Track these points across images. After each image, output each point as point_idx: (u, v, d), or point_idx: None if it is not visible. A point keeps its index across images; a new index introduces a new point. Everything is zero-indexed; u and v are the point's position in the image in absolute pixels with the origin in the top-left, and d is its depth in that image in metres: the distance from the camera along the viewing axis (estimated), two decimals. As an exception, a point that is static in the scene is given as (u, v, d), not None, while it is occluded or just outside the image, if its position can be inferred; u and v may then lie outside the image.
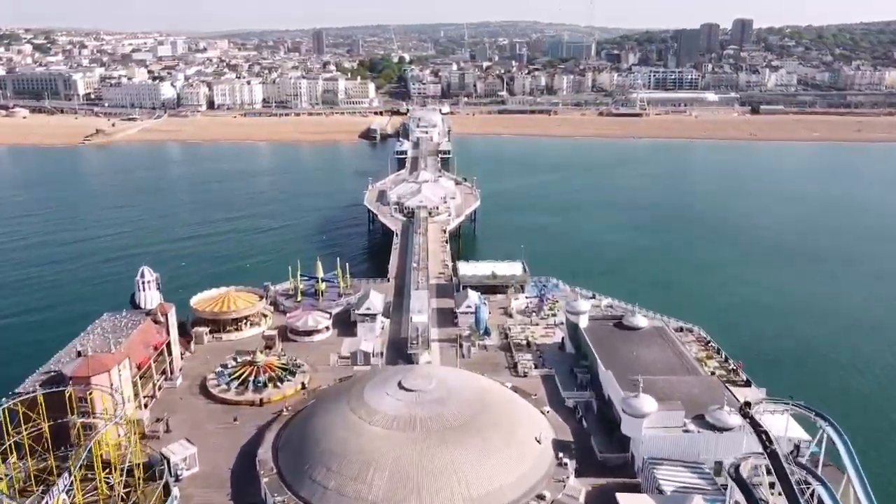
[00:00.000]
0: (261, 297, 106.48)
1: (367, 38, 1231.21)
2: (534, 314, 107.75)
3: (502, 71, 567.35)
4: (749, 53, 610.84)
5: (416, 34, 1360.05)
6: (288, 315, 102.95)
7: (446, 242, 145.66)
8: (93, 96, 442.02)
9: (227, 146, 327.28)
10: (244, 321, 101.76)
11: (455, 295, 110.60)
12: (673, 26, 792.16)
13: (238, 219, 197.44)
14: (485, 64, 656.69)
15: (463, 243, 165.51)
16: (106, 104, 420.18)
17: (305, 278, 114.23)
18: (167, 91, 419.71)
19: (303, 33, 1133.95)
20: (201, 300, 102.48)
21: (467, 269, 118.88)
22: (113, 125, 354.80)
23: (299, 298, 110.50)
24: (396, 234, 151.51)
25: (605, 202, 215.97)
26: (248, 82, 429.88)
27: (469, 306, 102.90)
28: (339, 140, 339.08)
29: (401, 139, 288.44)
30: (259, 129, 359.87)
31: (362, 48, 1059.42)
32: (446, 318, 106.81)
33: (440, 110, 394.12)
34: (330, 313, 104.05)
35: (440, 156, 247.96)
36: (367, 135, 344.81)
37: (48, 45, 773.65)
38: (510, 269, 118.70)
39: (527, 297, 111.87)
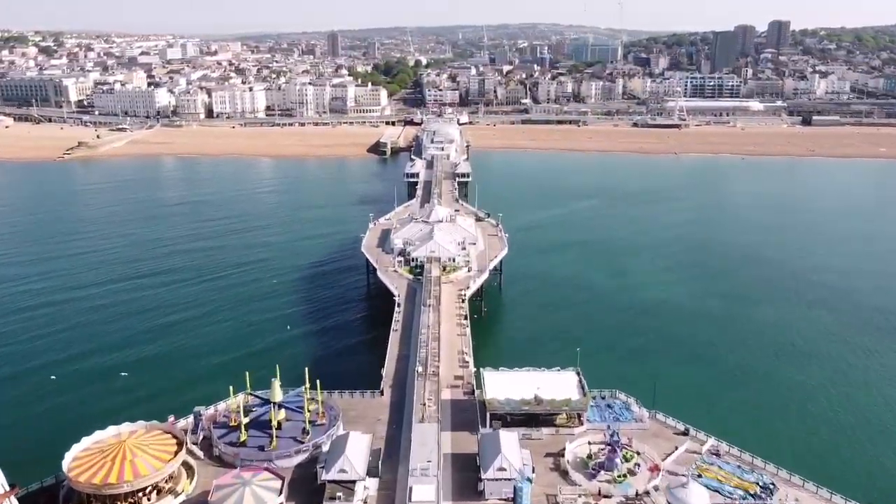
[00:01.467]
0: (179, 444, 68.29)
1: (385, 41, 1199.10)
2: (601, 471, 68.84)
3: (524, 76, 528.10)
4: (789, 57, 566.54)
5: (433, 36, 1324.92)
6: (215, 483, 64.54)
7: (465, 319, 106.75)
8: (86, 103, 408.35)
9: (218, 161, 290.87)
10: (151, 491, 63.93)
11: (479, 438, 71.73)
12: (698, 28, 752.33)
13: (185, 280, 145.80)
14: (505, 68, 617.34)
15: (487, 313, 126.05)
16: (97, 112, 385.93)
17: (257, 404, 76.18)
18: (163, 98, 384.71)
19: (320, 35, 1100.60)
20: (80, 461, 64.42)
21: (496, 384, 79.71)
22: (97, 136, 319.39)
23: (243, 437, 72.30)
24: (399, 304, 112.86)
25: (656, 244, 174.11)
26: (250, 89, 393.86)
27: (503, 470, 64.26)
28: (345, 155, 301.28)
29: (413, 157, 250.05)
30: (257, 142, 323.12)
31: (378, 51, 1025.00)
32: (464, 478, 68.21)
33: (457, 120, 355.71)
34: (283, 478, 65.72)
35: (458, 180, 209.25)
36: (377, 149, 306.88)
37: (55, 47, 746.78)
38: (560, 384, 79.49)
39: (590, 443, 72.57)
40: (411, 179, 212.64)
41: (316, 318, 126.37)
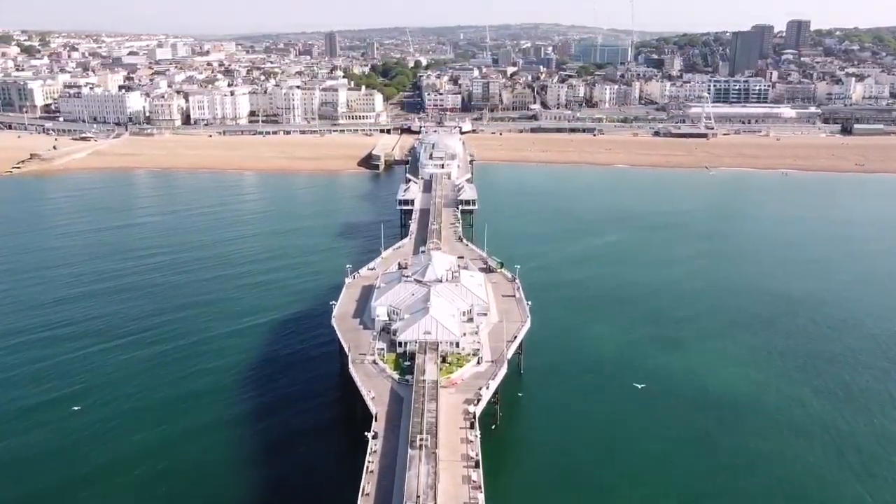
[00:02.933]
0: None
1: (385, 41, 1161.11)
2: None
3: (530, 78, 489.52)
4: (813, 59, 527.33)
5: (434, 36, 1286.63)
6: None
7: (477, 467, 68.30)
8: (53, 108, 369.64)
9: (185, 178, 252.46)
10: None
11: None
12: (707, 29, 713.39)
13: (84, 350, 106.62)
14: (509, 69, 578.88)
15: (502, 420, 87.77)
16: (62, 118, 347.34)
17: None
18: (135, 103, 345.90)
19: (319, 36, 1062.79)
20: None
21: None
22: (54, 147, 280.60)
23: None
24: (374, 436, 74.18)
25: (716, 304, 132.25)
26: (232, 93, 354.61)
27: None
28: (332, 170, 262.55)
29: (408, 175, 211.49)
30: (234, 154, 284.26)
31: (377, 51, 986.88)
32: None
33: (460, 129, 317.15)
34: None
35: (461, 207, 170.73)
36: (368, 162, 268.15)
37: (39, 47, 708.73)
38: None
39: None
40: (405, 207, 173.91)
41: (250, 447, 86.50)
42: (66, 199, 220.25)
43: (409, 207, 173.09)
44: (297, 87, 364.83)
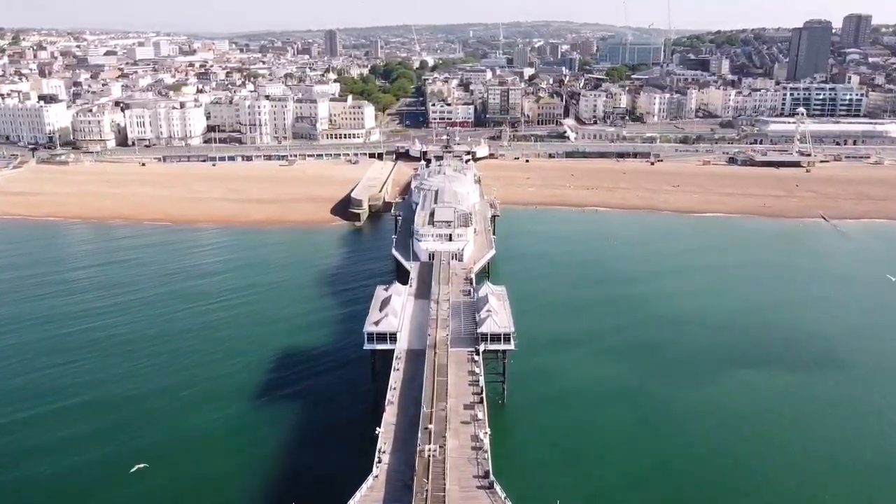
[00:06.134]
0: None
1: (391, 39, 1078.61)
2: None
3: (552, 82, 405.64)
4: (884, 59, 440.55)
5: (442, 35, 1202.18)
6: None
7: None
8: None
9: (79, 237, 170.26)
10: None
11: None
12: (740, 25, 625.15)
13: None
14: (526, 71, 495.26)
15: None
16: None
17: None
18: (58, 117, 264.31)
19: (325, 34, 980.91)
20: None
21: None
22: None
23: None
24: None
25: None
26: (181, 105, 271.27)
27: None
28: (294, 221, 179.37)
29: (395, 252, 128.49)
30: (165, 194, 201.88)
31: (382, 50, 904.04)
32: None
33: (472, 155, 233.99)
34: None
35: (487, 347, 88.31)
36: (347, 209, 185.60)
37: (6, 46, 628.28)
38: None
39: None
40: (378, 347, 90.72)
41: None
42: None
43: (388, 347, 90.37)
44: (267, 97, 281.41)
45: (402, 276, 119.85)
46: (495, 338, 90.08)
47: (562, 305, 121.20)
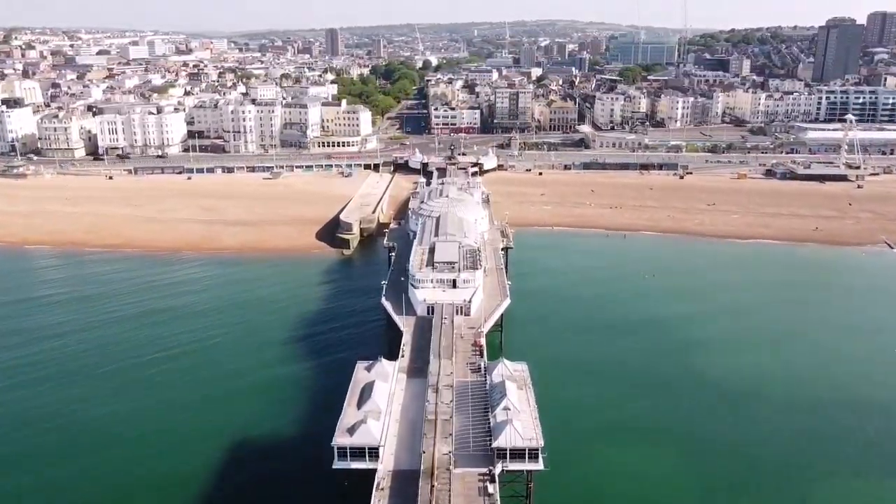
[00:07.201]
0: None
1: (394, 39, 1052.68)
2: None
3: (562, 83, 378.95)
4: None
5: (447, 34, 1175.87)
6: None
7: None
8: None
9: (8, 266, 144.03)
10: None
11: None
12: (750, 25, 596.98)
13: None
14: (534, 71, 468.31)
15: None
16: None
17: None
18: (22, 124, 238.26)
19: (326, 32, 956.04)
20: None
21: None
22: None
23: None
24: None
25: None
26: (158, 110, 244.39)
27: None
28: (271, 250, 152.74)
29: (386, 303, 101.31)
30: (130, 214, 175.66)
31: (385, 49, 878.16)
32: None
33: (480, 167, 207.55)
34: None
35: (502, 468, 61.62)
36: (334, 234, 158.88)
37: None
38: None
39: None
40: (354, 466, 63.92)
41: None
42: None
43: (365, 465, 63.73)
44: (253, 101, 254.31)
45: (394, 332, 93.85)
46: (517, 453, 63.49)
47: (604, 380, 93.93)
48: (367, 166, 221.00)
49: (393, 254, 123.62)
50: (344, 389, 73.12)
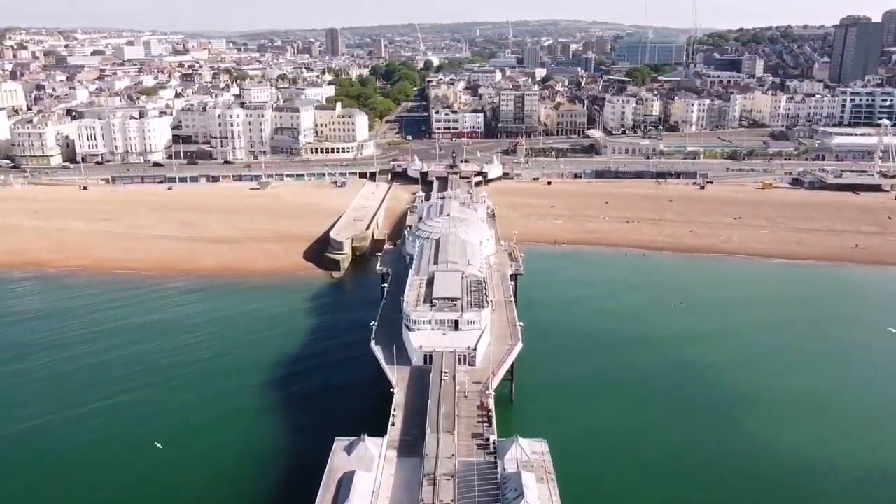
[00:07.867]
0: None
1: (396, 38, 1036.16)
2: None
3: (568, 84, 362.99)
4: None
5: (449, 34, 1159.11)
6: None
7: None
8: None
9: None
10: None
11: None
12: (759, 24, 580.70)
13: None
14: (538, 72, 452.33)
15: None
16: None
17: None
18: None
19: (325, 32, 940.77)
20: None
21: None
22: None
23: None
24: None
25: None
26: (140, 114, 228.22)
27: None
28: (253, 273, 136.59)
29: (378, 349, 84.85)
30: (102, 228, 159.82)
31: (386, 49, 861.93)
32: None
33: (483, 178, 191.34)
34: None
35: None
36: (323, 255, 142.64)
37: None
38: None
39: None
40: None
41: None
42: None
43: None
44: (242, 104, 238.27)
45: (385, 386, 77.94)
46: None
47: (646, 461, 76.10)
48: (362, 174, 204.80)
49: (386, 284, 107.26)
50: (316, 476, 57.19)
